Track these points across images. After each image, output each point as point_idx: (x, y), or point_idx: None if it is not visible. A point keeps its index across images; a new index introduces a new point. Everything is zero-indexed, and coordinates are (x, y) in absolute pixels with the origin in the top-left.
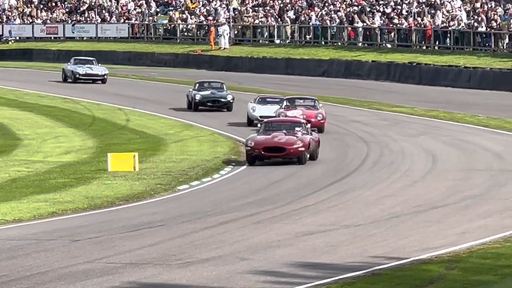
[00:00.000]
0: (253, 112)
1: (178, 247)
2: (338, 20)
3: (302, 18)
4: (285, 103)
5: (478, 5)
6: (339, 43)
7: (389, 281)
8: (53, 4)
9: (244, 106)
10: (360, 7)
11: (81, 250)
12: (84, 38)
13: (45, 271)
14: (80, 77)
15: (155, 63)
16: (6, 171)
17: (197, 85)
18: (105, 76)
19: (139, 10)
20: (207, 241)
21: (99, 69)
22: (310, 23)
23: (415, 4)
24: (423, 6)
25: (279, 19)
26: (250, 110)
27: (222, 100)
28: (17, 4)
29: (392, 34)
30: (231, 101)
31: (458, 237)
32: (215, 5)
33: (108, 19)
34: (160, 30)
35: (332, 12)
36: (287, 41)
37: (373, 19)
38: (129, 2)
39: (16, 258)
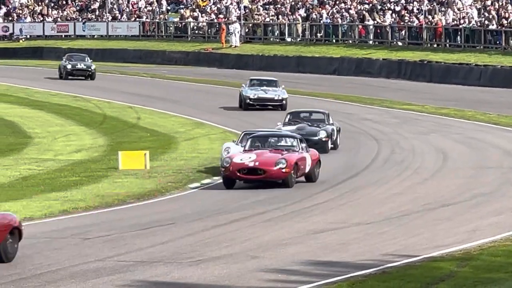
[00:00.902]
0: (226, 154)
1: (189, 245)
2: (349, 18)
3: (313, 16)
4: (249, 142)
5: (489, 2)
6: (350, 41)
7: (400, 279)
8: (64, 2)
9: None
10: (371, 5)
11: (92, 248)
12: (95, 36)
13: (56, 269)
14: (251, 102)
15: (166, 61)
16: (17, 169)
17: (289, 116)
18: (283, 102)
19: (150, 8)
20: (218, 239)
21: (275, 92)
22: (321, 21)
23: (426, 2)
24: (434, 4)
25: (290, 17)
26: (223, 153)
27: (313, 138)
28: (28, 2)
29: (403, 32)
30: (324, 139)
31: (469, 235)
32: (226, 3)
33: (119, 17)
34: (171, 28)
35: (343, 10)
36: (298, 39)
37: (384, 17)
38: (140, 0)
39: (26, 256)
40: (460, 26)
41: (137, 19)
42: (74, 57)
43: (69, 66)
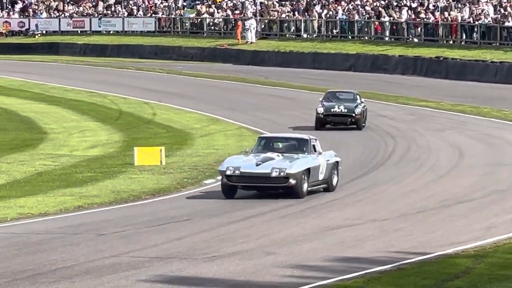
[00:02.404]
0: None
1: (204, 241)
2: (365, 15)
3: (330, 12)
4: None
5: None
6: (366, 38)
7: (415, 276)
8: None
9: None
10: (387, 1)
11: (107, 244)
12: (111, 32)
13: (71, 265)
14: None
15: (181, 57)
16: (33, 165)
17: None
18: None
19: (166, 4)
20: (233, 235)
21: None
22: (337, 18)
23: None
24: (450, 0)
25: (306, 13)
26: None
27: None
28: None
29: (419, 28)
30: None
31: (484, 232)
32: None
33: (135, 13)
34: (187, 24)
35: (359, 6)
36: (314, 35)
37: (400, 13)
38: None
39: (42, 252)
40: (476, 23)
41: (153, 15)
42: (336, 95)
43: (320, 110)
